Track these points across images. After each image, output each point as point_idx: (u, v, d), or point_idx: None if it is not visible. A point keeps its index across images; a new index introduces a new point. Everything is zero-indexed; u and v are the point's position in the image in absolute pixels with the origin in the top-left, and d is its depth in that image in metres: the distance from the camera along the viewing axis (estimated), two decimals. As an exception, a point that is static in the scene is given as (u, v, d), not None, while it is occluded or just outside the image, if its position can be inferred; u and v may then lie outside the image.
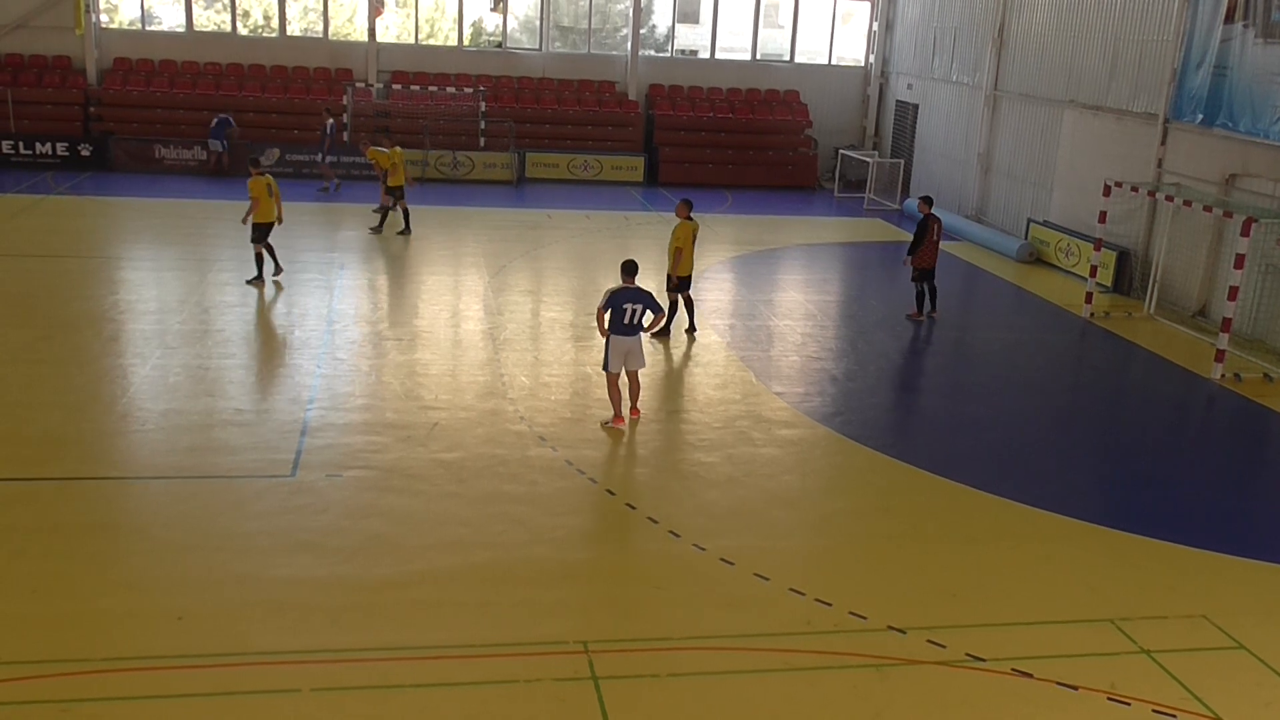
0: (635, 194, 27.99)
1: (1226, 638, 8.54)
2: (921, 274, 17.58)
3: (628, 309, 11.90)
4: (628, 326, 11.95)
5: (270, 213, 17.21)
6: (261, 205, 17.06)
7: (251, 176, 17.21)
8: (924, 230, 17.43)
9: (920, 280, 17.63)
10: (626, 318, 11.92)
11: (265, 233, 17.24)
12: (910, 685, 7.69)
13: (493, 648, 7.86)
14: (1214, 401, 14.99)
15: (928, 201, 17.96)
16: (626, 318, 11.92)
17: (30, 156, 26.99)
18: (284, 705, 7.11)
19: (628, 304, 11.89)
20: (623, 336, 11.96)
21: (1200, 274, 18.70)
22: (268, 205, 17.13)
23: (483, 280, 18.75)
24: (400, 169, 21.48)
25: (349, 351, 14.49)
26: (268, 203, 17.11)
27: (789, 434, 12.44)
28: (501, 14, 31.12)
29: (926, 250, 17.41)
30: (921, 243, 17.40)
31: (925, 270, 17.54)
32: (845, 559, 9.71)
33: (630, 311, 11.92)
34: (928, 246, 17.39)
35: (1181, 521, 10.72)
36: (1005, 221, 25.02)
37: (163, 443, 11.26)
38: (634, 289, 11.98)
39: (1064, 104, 22.84)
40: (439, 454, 11.25)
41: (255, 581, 8.61)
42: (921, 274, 17.58)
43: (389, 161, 21.73)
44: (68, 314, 15.35)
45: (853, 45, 33.46)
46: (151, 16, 30.44)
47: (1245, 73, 17.67)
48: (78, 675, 7.27)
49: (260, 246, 17.27)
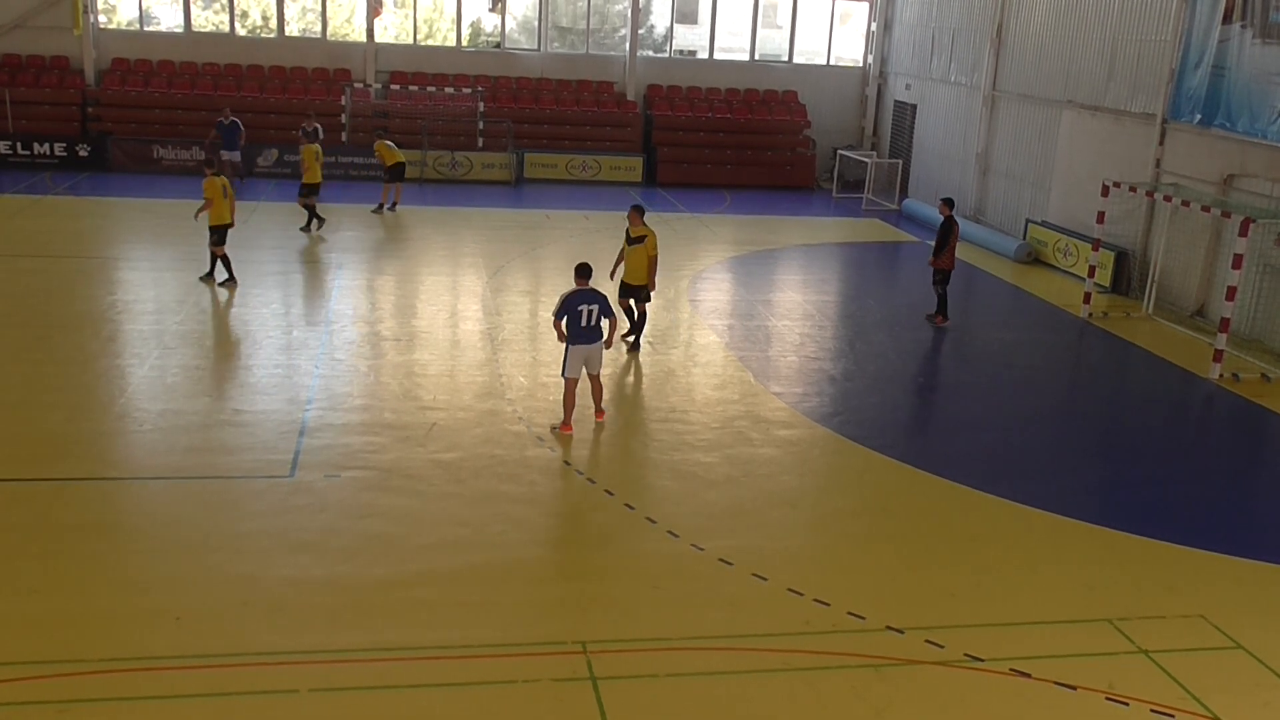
0: (634, 194, 27.98)
1: (1224, 638, 8.54)
2: (945, 277, 17.31)
3: (583, 311, 11.80)
4: (585, 330, 11.86)
5: (225, 214, 17.02)
6: (216, 206, 16.89)
7: (206, 177, 17.04)
8: (947, 232, 17.16)
9: (943, 283, 17.34)
10: (583, 320, 11.82)
11: (223, 235, 17.04)
12: (909, 685, 7.69)
13: (491, 648, 7.86)
14: (1212, 401, 15.00)
15: (949, 203, 17.61)
16: (583, 320, 11.82)
17: (28, 157, 26.97)
18: (282, 706, 7.11)
19: (582, 305, 11.80)
20: (581, 345, 11.90)
21: (1198, 274, 18.72)
22: (221, 206, 16.94)
23: (481, 281, 18.75)
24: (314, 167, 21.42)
25: (347, 352, 14.48)
26: (221, 204, 16.93)
27: (787, 434, 12.44)
28: (500, 14, 31.10)
29: (950, 252, 17.15)
30: (946, 245, 17.12)
31: (947, 273, 17.29)
32: (843, 559, 9.71)
33: (586, 314, 11.81)
34: (951, 249, 17.15)
35: (1179, 522, 10.73)
36: (1003, 221, 25.04)
37: (161, 443, 11.25)
38: (588, 290, 11.90)
39: (1062, 104, 22.85)
40: (437, 454, 11.25)
41: (253, 582, 8.60)
42: (945, 277, 17.31)
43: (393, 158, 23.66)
44: (66, 314, 15.34)
45: (851, 45, 33.47)
46: (150, 17, 30.41)
47: (1243, 73, 17.69)
48: (75, 676, 7.27)
49: (221, 249, 17.06)
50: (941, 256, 17.22)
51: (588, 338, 11.93)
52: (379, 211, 23.86)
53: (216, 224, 16.98)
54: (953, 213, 17.45)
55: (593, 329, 11.93)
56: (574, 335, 11.87)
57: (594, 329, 11.94)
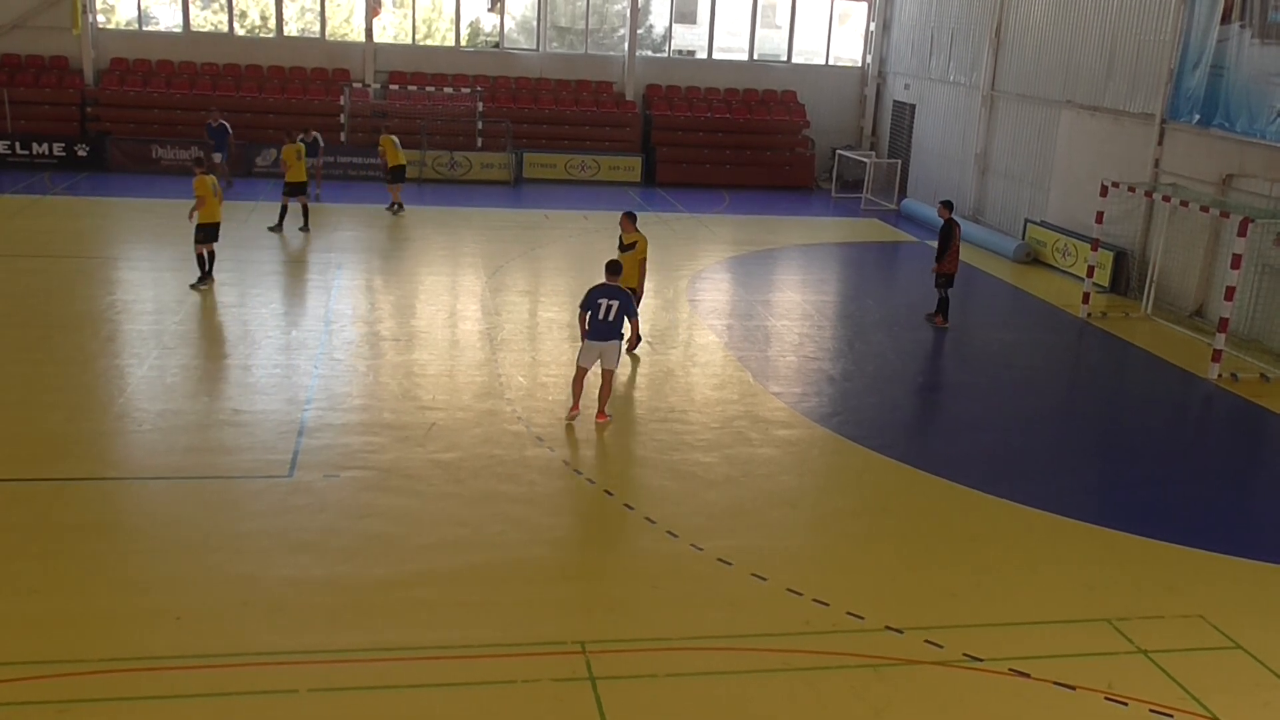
0: (633, 194, 28.00)
1: (1224, 638, 8.55)
2: (949, 281, 17.13)
3: (602, 304, 12.08)
4: (601, 324, 12.11)
5: (216, 213, 16.99)
6: (208, 205, 16.86)
7: (196, 176, 16.98)
8: (949, 235, 16.97)
9: (946, 287, 17.16)
10: (601, 313, 12.09)
11: (212, 233, 17.01)
12: (908, 685, 7.70)
13: (490, 648, 7.86)
14: (1211, 401, 15.01)
15: (948, 206, 17.45)
16: (601, 313, 12.09)
17: (27, 157, 26.96)
18: (282, 706, 7.11)
19: (602, 299, 12.09)
20: (596, 341, 12.18)
21: (1197, 274, 18.73)
22: (213, 205, 16.93)
23: (480, 280, 18.75)
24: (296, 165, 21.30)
25: (346, 352, 14.48)
26: (213, 203, 16.92)
27: (786, 434, 12.45)
28: (499, 14, 31.12)
29: (952, 256, 17.00)
30: (948, 249, 16.95)
31: (951, 277, 17.11)
32: (843, 559, 9.72)
33: (605, 307, 12.08)
34: (953, 252, 17.00)
35: (1179, 522, 10.74)
36: (1002, 222, 25.05)
37: (160, 443, 11.25)
38: (612, 286, 12.22)
39: (1061, 104, 22.86)
40: (436, 454, 11.25)
41: (253, 582, 8.60)
42: (949, 281, 17.13)
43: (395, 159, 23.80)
44: (65, 314, 15.33)
45: (850, 45, 33.49)
46: (148, 17, 30.40)
47: (1242, 73, 17.70)
48: (75, 676, 7.26)
49: (204, 248, 16.98)
50: (944, 261, 17.05)
51: (603, 332, 12.17)
52: (394, 210, 23.87)
53: (206, 221, 16.93)
54: (952, 215, 17.33)
55: (609, 324, 12.16)
56: (591, 328, 12.18)
57: (610, 324, 12.16)
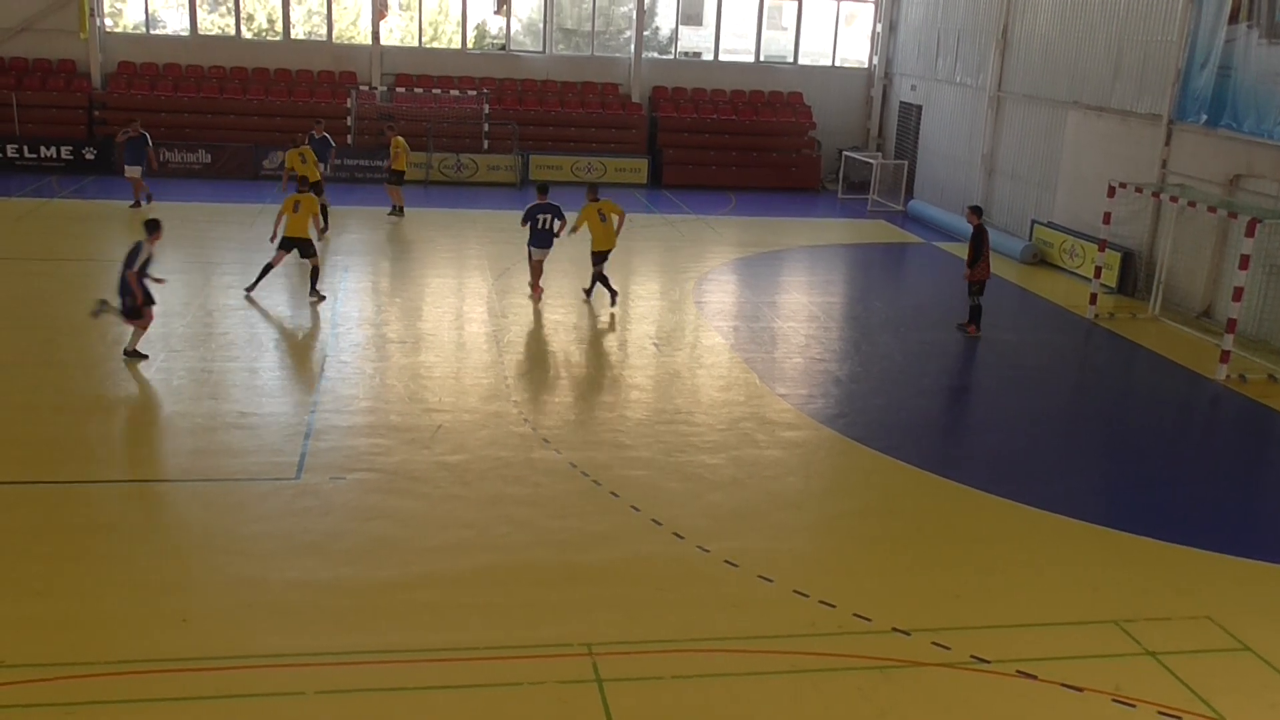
0: (639, 196, 27.99)
1: (1232, 639, 8.52)
2: (981, 288, 16.81)
3: (540, 218, 16.73)
4: (541, 233, 16.79)
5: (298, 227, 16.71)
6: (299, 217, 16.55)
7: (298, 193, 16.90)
8: (980, 242, 16.63)
9: (979, 294, 16.83)
10: (540, 224, 16.73)
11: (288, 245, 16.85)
12: (915, 687, 7.69)
13: (497, 650, 7.86)
14: (1219, 402, 14.96)
15: (977, 212, 17.10)
16: (540, 224, 16.73)
17: (35, 160, 27.05)
18: (289, 707, 7.12)
19: (540, 214, 16.72)
20: (536, 248, 16.98)
21: (1205, 275, 18.68)
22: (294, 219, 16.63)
23: (486, 283, 18.76)
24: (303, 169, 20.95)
25: (353, 354, 14.50)
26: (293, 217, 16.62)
27: (793, 436, 12.44)
28: (505, 16, 31.15)
29: (984, 263, 16.65)
30: (980, 256, 16.62)
31: (983, 284, 16.78)
32: (849, 561, 9.71)
33: (543, 220, 16.74)
34: (985, 259, 16.66)
35: (1186, 523, 10.71)
36: (1009, 223, 25.00)
37: (167, 446, 11.28)
38: (545, 203, 16.80)
39: (1068, 105, 22.82)
40: (443, 456, 11.26)
41: (260, 584, 8.62)
42: (981, 288, 16.81)
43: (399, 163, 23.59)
44: (72, 317, 15.37)
45: (856, 47, 33.46)
46: (156, 20, 30.48)
47: (1250, 73, 17.65)
48: (82, 678, 7.28)
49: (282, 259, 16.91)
50: (975, 268, 16.70)
51: (545, 240, 16.99)
52: (397, 213, 23.81)
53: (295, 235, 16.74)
54: (981, 221, 16.97)
55: (548, 233, 16.90)
56: (533, 237, 16.88)
57: (549, 233, 16.90)
